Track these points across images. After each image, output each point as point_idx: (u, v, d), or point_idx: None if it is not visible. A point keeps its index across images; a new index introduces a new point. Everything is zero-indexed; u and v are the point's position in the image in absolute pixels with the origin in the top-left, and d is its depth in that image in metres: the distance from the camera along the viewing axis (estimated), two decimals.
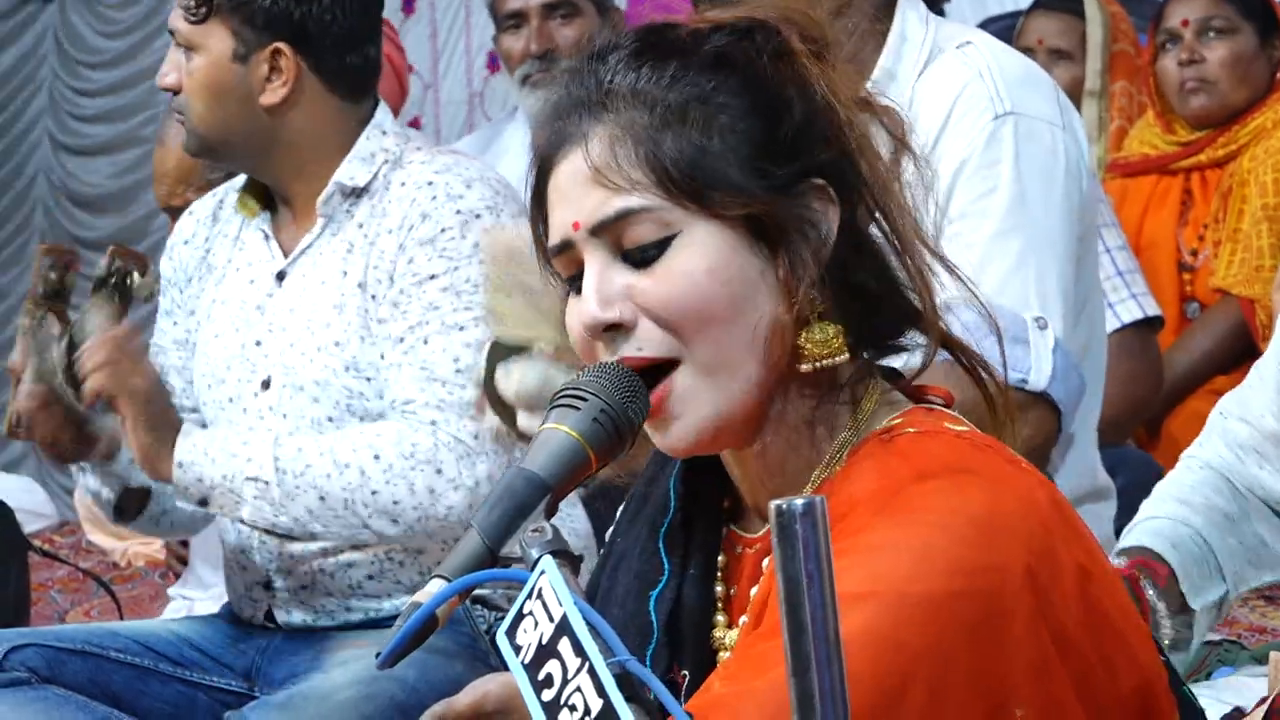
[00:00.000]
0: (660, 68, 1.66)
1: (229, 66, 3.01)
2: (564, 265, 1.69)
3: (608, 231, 1.64)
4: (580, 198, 1.65)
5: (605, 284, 1.64)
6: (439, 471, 2.86)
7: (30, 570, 4.09)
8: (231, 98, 3.01)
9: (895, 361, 1.75)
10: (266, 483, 2.88)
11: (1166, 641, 2.30)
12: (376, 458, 2.86)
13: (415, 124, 7.53)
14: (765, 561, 1.70)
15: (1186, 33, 4.67)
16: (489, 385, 2.63)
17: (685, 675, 1.74)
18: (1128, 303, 4.12)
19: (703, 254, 1.63)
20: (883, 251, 1.69)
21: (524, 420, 2.55)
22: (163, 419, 2.94)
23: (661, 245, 1.63)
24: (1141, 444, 4.43)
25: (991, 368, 1.74)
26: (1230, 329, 4.50)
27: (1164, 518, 2.37)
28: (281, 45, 2.99)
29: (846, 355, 1.65)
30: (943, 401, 1.72)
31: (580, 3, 4.71)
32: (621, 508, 1.88)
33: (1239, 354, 4.48)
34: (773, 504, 1.20)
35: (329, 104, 3.03)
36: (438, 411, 2.87)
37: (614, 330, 1.64)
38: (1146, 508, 2.42)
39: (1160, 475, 3.93)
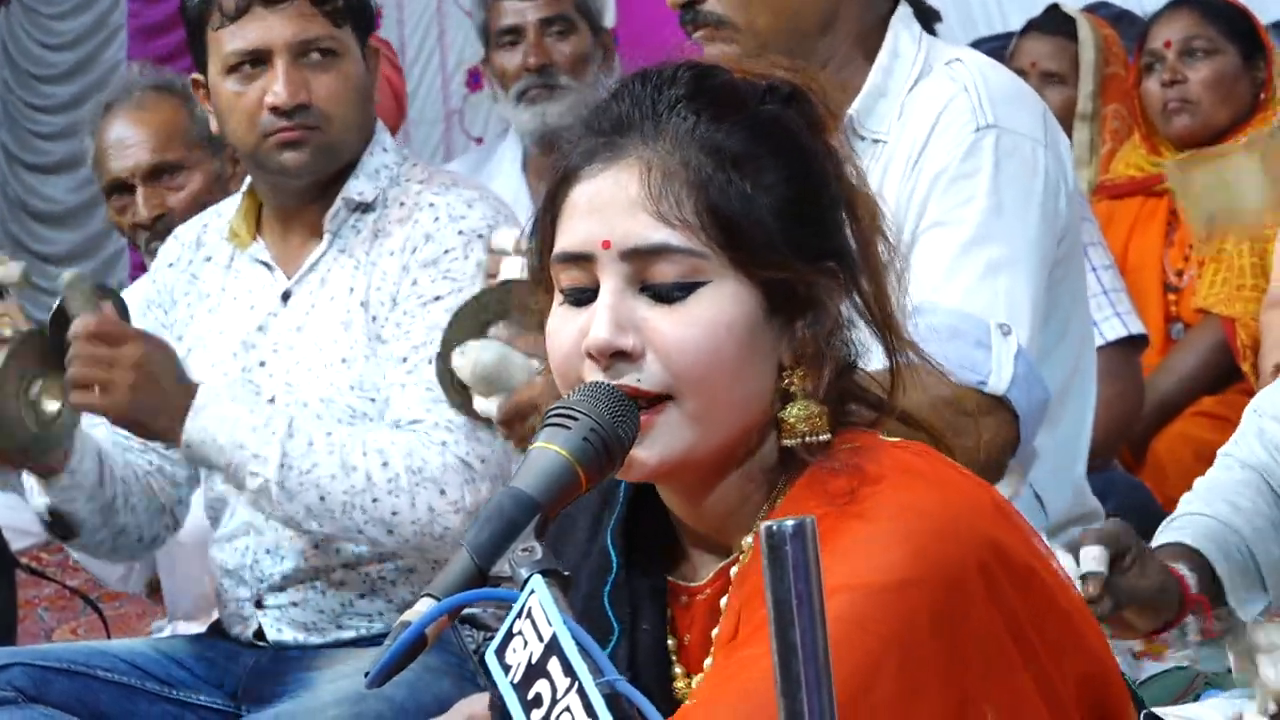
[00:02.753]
0: (719, 118, 1.67)
1: (364, 68, 3.01)
2: (565, 272, 1.69)
3: (638, 259, 1.65)
4: (618, 217, 1.65)
5: (622, 310, 1.65)
6: (442, 492, 2.86)
7: (17, 588, 4.08)
8: (368, 100, 3.02)
9: None
10: (267, 479, 2.87)
11: (1194, 639, 2.31)
12: (385, 465, 2.86)
13: None
14: (723, 600, 1.70)
15: (1169, 53, 4.69)
16: (443, 367, 2.64)
17: None
18: (1111, 320, 4.12)
19: (726, 307, 1.64)
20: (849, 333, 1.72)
21: (480, 403, 2.56)
22: (155, 408, 2.88)
23: (687, 289, 1.64)
24: (1129, 467, 4.44)
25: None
26: (1213, 349, 4.50)
27: (1213, 518, 2.37)
28: (373, 44, 3.02)
29: (828, 436, 1.67)
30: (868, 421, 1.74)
31: (575, 19, 4.73)
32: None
33: (1223, 374, 4.49)
34: (763, 525, 1.21)
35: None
36: (447, 432, 2.87)
37: (618, 357, 1.64)
38: (1192, 502, 2.42)
39: (1149, 499, 3.96)
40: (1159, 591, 2.26)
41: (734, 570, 1.69)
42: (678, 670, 1.76)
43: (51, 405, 2.95)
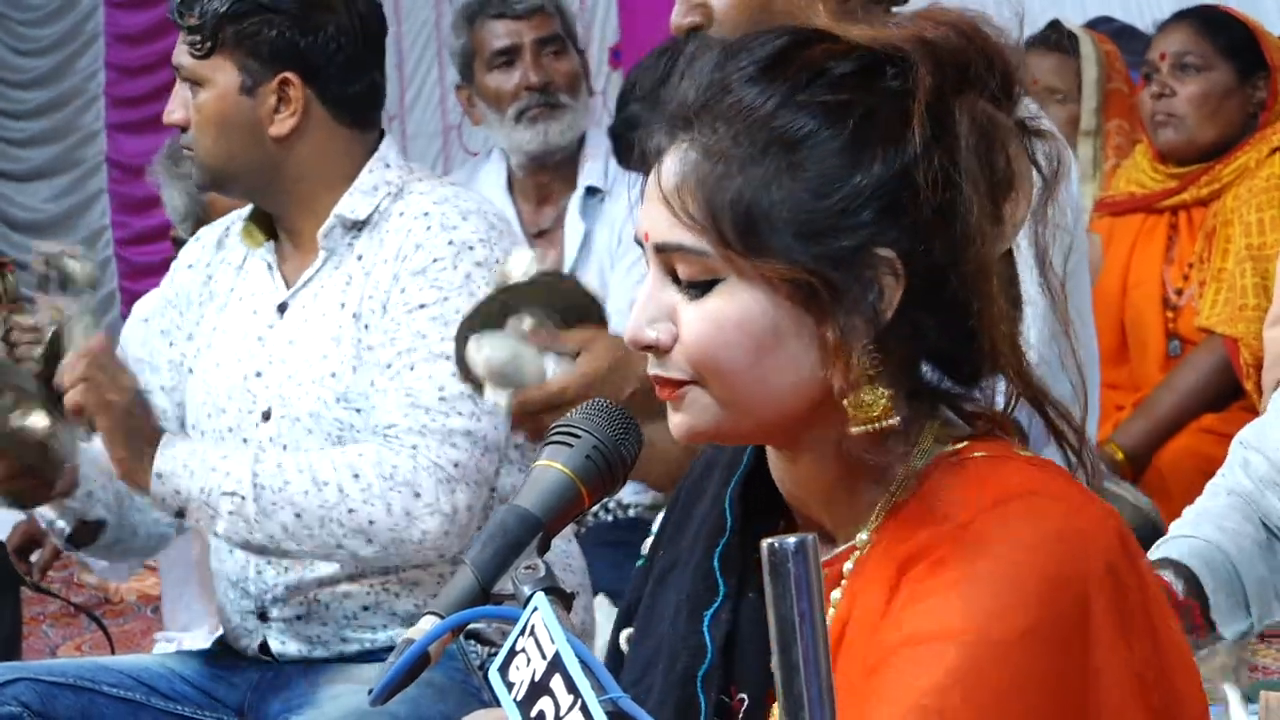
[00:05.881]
0: (763, 96, 1.62)
1: (237, 99, 3.02)
2: (643, 256, 1.69)
3: (665, 254, 1.65)
4: (652, 210, 1.65)
5: (654, 303, 1.65)
6: (417, 495, 2.87)
7: (22, 604, 4.10)
8: (240, 130, 3.03)
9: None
10: (243, 498, 2.89)
11: None
12: (356, 477, 2.87)
13: None
14: (835, 593, 1.66)
15: (1163, 66, 4.71)
16: (460, 355, 2.65)
17: (743, 700, 1.73)
18: None
19: (737, 306, 1.62)
20: (964, 305, 1.64)
21: (490, 394, 2.57)
22: (140, 432, 2.93)
23: (706, 286, 1.63)
24: (1132, 482, 4.45)
25: (1073, 419, 1.72)
26: (1215, 368, 4.51)
27: (1200, 539, 2.38)
28: (290, 75, 3.01)
29: (895, 420, 1.62)
30: (999, 427, 1.70)
31: (566, 40, 4.76)
32: (660, 521, 1.86)
33: (1225, 392, 4.50)
34: (764, 543, 1.21)
35: (337, 134, 3.05)
36: (419, 437, 2.88)
37: (650, 348, 1.65)
38: (1179, 527, 2.42)
39: (1149, 510, 3.96)
40: None
41: (847, 565, 1.66)
42: None
43: (38, 421, 2.98)
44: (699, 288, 1.63)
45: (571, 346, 2.64)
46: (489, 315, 2.67)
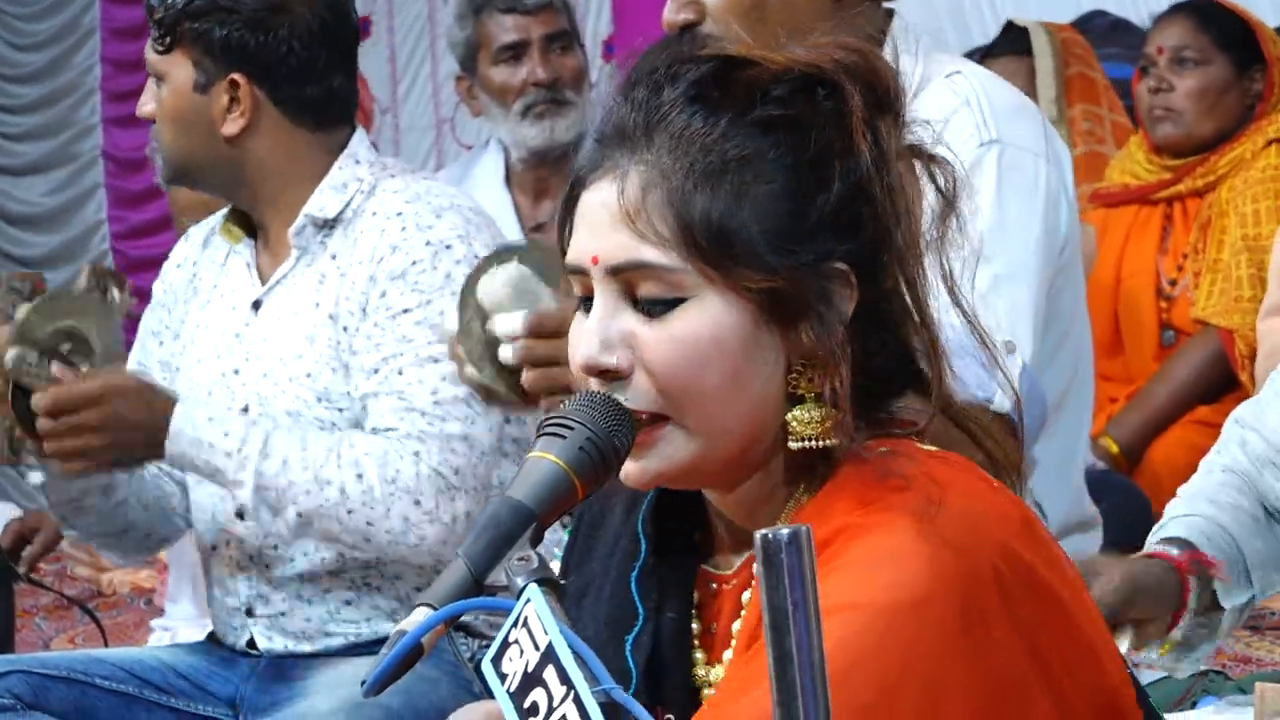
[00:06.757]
0: (712, 119, 1.64)
1: (191, 96, 3.02)
2: (578, 284, 1.68)
3: (623, 276, 1.64)
4: (604, 232, 1.64)
5: (609, 326, 1.64)
6: (417, 502, 2.87)
7: (15, 597, 4.09)
8: (194, 127, 3.03)
9: None
10: (243, 504, 2.92)
11: (1178, 638, 2.31)
12: (359, 477, 2.87)
13: None
14: (746, 595, 1.70)
15: (1161, 60, 4.71)
16: (469, 293, 2.63)
17: (670, 718, 1.74)
18: None
19: (710, 322, 1.62)
20: (898, 322, 1.68)
21: (502, 323, 2.55)
22: (140, 446, 2.94)
23: (672, 304, 1.63)
24: (1126, 474, 4.45)
25: (997, 435, 1.74)
26: (1210, 359, 4.52)
27: (1198, 516, 2.38)
28: (238, 76, 3.00)
29: (834, 441, 1.64)
30: (910, 431, 1.71)
31: (572, 35, 4.76)
32: (565, 549, 1.87)
33: (1220, 384, 4.51)
34: (758, 534, 1.21)
35: (293, 134, 3.03)
36: (419, 442, 2.87)
37: (607, 374, 1.64)
38: (1175, 507, 2.43)
39: (1144, 501, 3.97)
40: (1155, 583, 2.25)
41: (757, 567, 1.68)
42: (699, 656, 1.75)
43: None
44: (663, 306, 1.63)
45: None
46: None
